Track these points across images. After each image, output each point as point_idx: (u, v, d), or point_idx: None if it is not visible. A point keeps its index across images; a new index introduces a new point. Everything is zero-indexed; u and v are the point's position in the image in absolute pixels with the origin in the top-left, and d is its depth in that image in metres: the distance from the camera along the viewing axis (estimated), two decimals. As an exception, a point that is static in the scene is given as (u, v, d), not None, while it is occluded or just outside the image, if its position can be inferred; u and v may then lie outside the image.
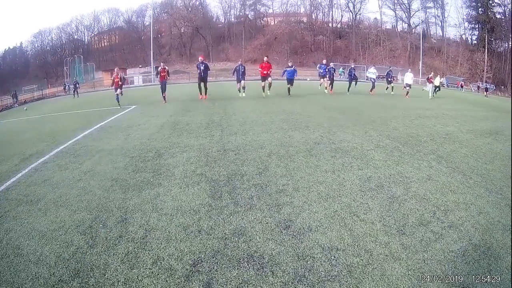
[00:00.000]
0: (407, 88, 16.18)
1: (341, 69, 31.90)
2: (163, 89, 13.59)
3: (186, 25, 56.96)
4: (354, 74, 16.80)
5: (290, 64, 14.62)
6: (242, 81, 13.93)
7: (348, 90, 16.37)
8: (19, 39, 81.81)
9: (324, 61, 16.43)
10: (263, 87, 13.98)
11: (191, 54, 56.06)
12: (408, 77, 16.39)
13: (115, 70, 14.20)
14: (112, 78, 14.25)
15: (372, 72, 17.36)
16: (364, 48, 51.93)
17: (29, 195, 3.97)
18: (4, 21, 68.00)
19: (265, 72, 13.44)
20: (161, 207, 3.37)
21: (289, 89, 14.59)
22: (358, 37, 52.48)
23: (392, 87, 17.54)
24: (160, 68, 13.69)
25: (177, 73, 46.30)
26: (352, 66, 17.45)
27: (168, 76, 13.78)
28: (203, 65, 12.82)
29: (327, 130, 6.90)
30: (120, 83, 13.21)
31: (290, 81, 14.50)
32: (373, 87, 16.96)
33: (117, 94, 13.08)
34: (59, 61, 52.00)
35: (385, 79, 18.55)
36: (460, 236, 2.75)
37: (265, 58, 13.86)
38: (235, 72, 13.92)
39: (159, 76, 13.73)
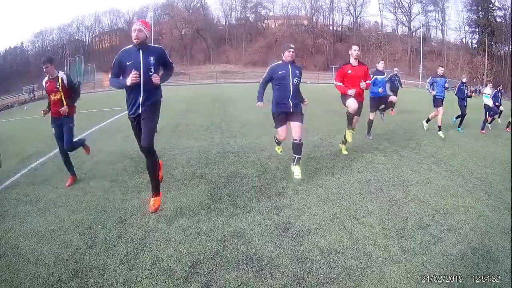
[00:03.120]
0: None
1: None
2: (65, 144, 4.26)
3: (187, 27, 57.08)
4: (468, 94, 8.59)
5: (381, 65, 6.93)
6: (297, 124, 4.03)
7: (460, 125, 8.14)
8: (20, 38, 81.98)
9: (441, 70, 7.68)
10: (351, 128, 5.14)
11: (192, 56, 56.17)
12: None
13: None
14: None
15: (488, 95, 8.72)
16: (365, 52, 51.88)
17: (28, 195, 3.97)
18: (6, 20, 68.17)
19: (350, 92, 4.70)
20: (160, 208, 3.37)
21: (370, 124, 6.67)
22: (359, 41, 52.33)
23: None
24: (46, 80, 4.27)
25: (177, 75, 46.34)
26: (463, 81, 8.37)
27: (73, 102, 4.41)
28: (150, 53, 3.13)
29: (327, 133, 6.91)
30: None
31: (380, 99, 6.80)
32: (487, 119, 8.50)
33: None
34: (59, 62, 51.88)
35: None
36: (459, 240, 2.75)
37: (356, 49, 4.86)
38: (267, 83, 4.19)
39: (48, 105, 4.35)
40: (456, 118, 8.18)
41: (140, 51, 3.13)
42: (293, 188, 3.85)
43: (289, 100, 3.99)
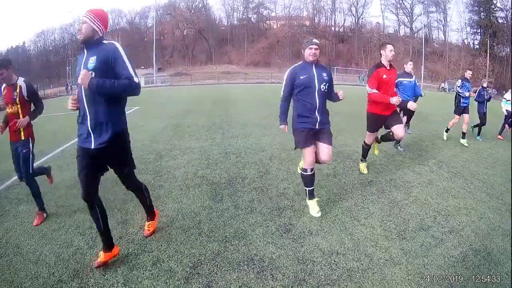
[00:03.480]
0: None
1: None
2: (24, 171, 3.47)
3: (188, 27, 57.23)
4: None
5: (409, 66, 6.13)
6: (325, 146, 3.19)
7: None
8: (22, 38, 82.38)
9: (469, 74, 7.01)
10: (365, 161, 4.62)
11: (194, 56, 56.29)
12: None
13: None
14: None
15: (508, 100, 8.03)
16: (366, 52, 52.00)
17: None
18: (8, 20, 68.49)
19: (394, 100, 3.78)
20: (161, 209, 3.37)
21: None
22: (360, 41, 52.61)
23: None
24: (4, 87, 3.36)
25: (179, 75, 46.51)
26: (484, 85, 7.78)
27: (34, 118, 3.81)
28: (93, 54, 2.20)
29: (328, 133, 6.89)
30: None
31: (403, 109, 5.56)
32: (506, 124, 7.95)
33: None
34: (61, 61, 52.11)
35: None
36: (460, 241, 2.75)
37: (392, 49, 3.92)
38: (290, 93, 3.23)
39: (4, 118, 3.55)
40: (474, 126, 7.55)
41: (85, 52, 2.26)
42: (294, 189, 3.85)
43: (316, 113, 3.12)
